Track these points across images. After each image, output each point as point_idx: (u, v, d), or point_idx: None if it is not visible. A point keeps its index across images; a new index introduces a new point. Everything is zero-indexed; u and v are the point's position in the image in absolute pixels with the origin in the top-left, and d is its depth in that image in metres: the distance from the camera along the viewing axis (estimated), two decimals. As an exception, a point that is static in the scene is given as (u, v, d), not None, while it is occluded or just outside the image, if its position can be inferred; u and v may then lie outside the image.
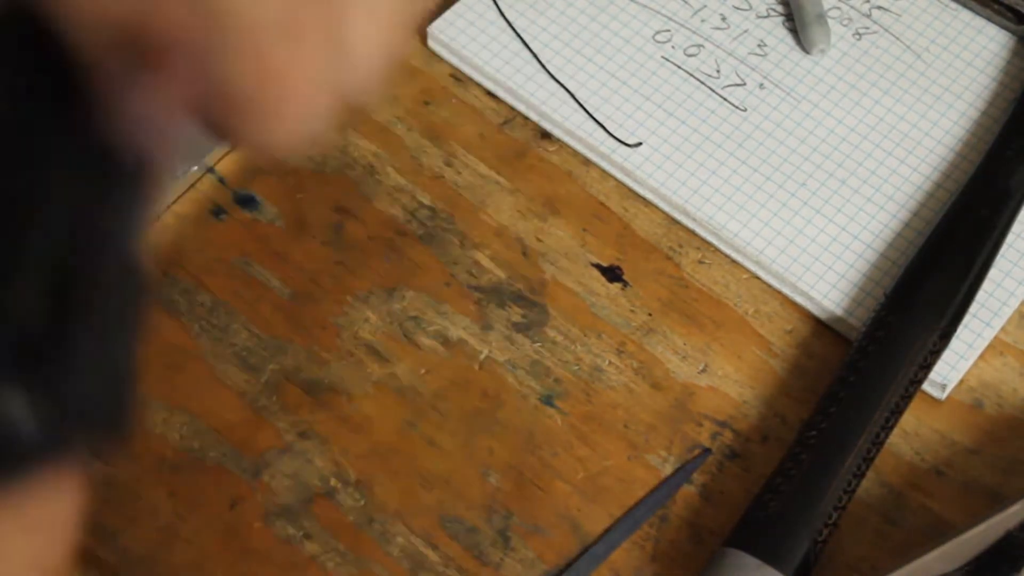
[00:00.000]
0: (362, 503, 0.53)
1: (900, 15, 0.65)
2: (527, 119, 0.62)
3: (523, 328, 0.57)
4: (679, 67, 0.63)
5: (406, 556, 0.52)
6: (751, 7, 0.65)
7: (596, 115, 0.62)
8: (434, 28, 0.64)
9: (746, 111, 0.62)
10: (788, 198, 0.60)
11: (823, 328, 0.57)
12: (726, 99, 0.63)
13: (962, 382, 0.56)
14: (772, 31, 0.65)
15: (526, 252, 0.59)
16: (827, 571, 0.52)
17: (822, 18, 0.64)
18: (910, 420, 0.55)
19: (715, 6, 0.65)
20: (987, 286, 0.57)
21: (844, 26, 0.65)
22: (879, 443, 0.52)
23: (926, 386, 0.55)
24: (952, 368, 0.55)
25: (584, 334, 0.57)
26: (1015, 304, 0.57)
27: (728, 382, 0.56)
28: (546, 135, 0.62)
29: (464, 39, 0.64)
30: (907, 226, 0.59)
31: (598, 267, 0.59)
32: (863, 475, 0.52)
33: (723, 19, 0.65)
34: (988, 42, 0.65)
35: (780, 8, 0.65)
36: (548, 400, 0.55)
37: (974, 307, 0.56)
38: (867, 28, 0.65)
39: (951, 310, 0.55)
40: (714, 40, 0.64)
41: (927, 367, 0.54)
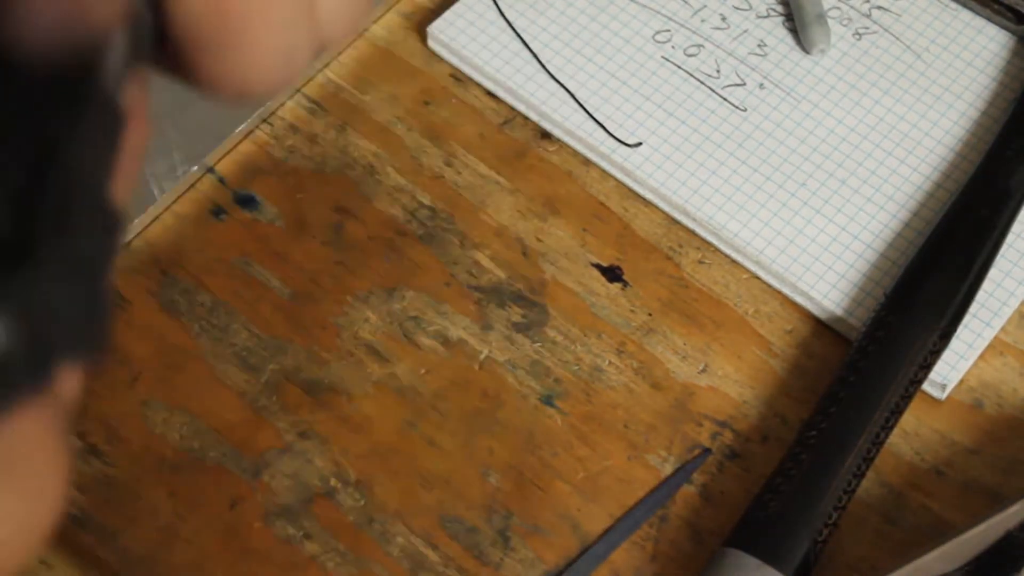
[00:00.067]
0: (362, 503, 0.53)
1: (900, 15, 0.65)
2: (527, 119, 0.62)
3: (523, 328, 0.57)
4: (679, 67, 0.63)
5: (406, 556, 0.52)
6: (751, 7, 0.65)
7: (596, 115, 0.62)
8: (434, 28, 0.64)
9: (746, 111, 0.62)
10: (788, 198, 0.60)
11: (823, 328, 0.57)
12: (726, 99, 0.63)
13: (962, 382, 0.56)
14: (772, 31, 0.65)
15: (526, 252, 0.59)
16: (827, 571, 0.52)
17: (822, 18, 0.64)
18: (910, 420, 0.55)
19: (715, 6, 0.65)
20: (987, 286, 0.57)
21: (844, 26, 0.65)
22: (879, 443, 0.52)
23: (926, 386, 0.55)
24: (952, 368, 0.55)
25: (584, 334, 0.57)
26: (1015, 304, 0.57)
27: (728, 382, 0.56)
28: (546, 135, 0.62)
29: (464, 39, 0.64)
30: (907, 226, 0.59)
31: (598, 267, 0.59)
32: (863, 475, 0.52)
33: (723, 19, 0.65)
34: (988, 42, 0.65)
35: (780, 8, 0.65)
36: (548, 400, 0.55)
37: (974, 307, 0.56)
38: (867, 28, 0.65)
39: (951, 310, 0.55)
40: (714, 40, 0.64)
41: (927, 367, 0.54)
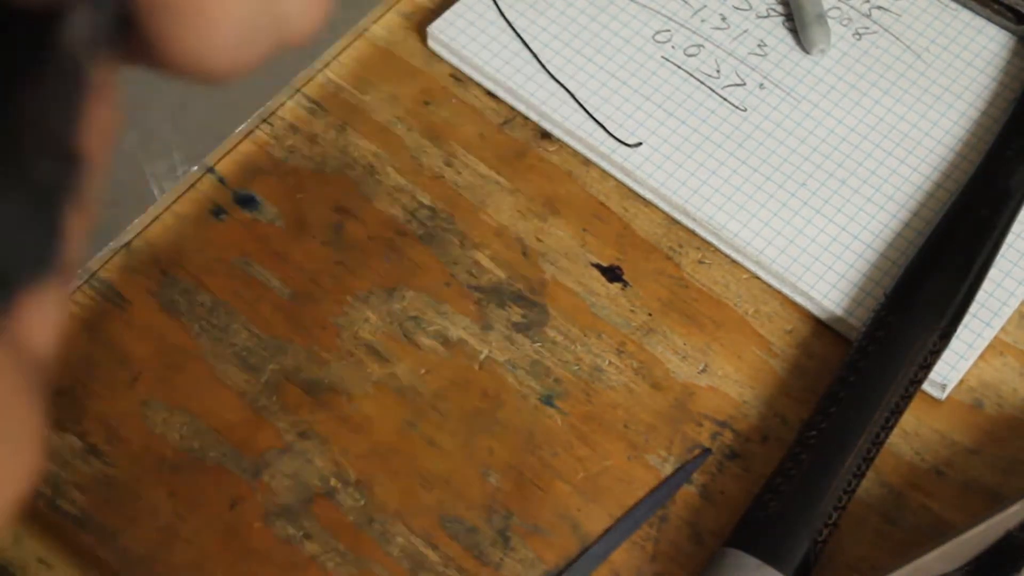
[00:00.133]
0: (362, 503, 0.53)
1: (900, 15, 0.65)
2: (527, 119, 0.62)
3: (523, 328, 0.57)
4: (679, 67, 0.63)
5: (406, 556, 0.52)
6: (751, 7, 0.65)
7: (596, 115, 0.62)
8: (434, 28, 0.64)
9: (746, 111, 0.62)
10: (788, 198, 0.60)
11: (823, 328, 0.57)
12: (726, 99, 0.63)
13: (962, 382, 0.56)
14: (772, 31, 0.65)
15: (526, 252, 0.59)
16: (827, 571, 0.52)
17: (822, 18, 0.64)
18: (910, 420, 0.55)
19: (715, 6, 0.65)
20: (987, 286, 0.57)
21: (844, 26, 0.65)
22: (879, 443, 0.52)
23: (926, 386, 0.55)
24: (952, 368, 0.55)
25: (584, 334, 0.57)
26: (1015, 304, 0.57)
27: (728, 382, 0.56)
28: (546, 135, 0.62)
29: (464, 39, 0.64)
30: (907, 226, 0.59)
31: (598, 267, 0.59)
32: (863, 475, 0.52)
33: (723, 19, 0.65)
34: (988, 42, 0.65)
35: (780, 8, 0.65)
36: (548, 400, 0.55)
37: (974, 307, 0.56)
38: (867, 28, 0.65)
39: (951, 310, 0.55)
40: (714, 40, 0.64)
41: (927, 367, 0.54)
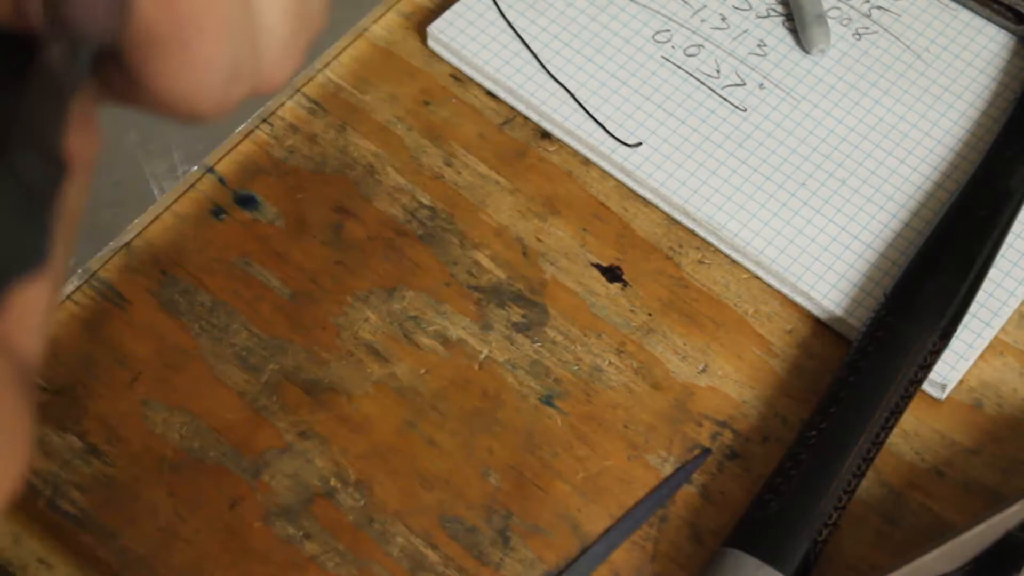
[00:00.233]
0: (362, 503, 0.53)
1: (900, 15, 0.65)
2: (527, 119, 0.62)
3: (523, 328, 0.57)
4: (679, 67, 0.63)
5: (406, 556, 0.52)
6: (751, 7, 0.65)
7: (596, 115, 0.62)
8: (434, 28, 0.64)
9: (746, 111, 0.62)
10: (788, 198, 0.60)
11: (823, 328, 0.57)
12: (726, 99, 0.63)
13: (962, 382, 0.56)
14: (772, 31, 0.65)
15: (526, 252, 0.59)
16: (827, 571, 0.52)
17: (822, 18, 0.64)
18: (910, 420, 0.55)
19: (715, 6, 0.65)
20: (987, 286, 0.57)
21: (844, 26, 0.65)
22: (879, 443, 0.52)
23: (926, 386, 0.55)
24: (952, 368, 0.55)
25: (584, 334, 0.57)
26: (1015, 304, 0.57)
27: (728, 382, 0.56)
28: (546, 135, 0.62)
29: (464, 39, 0.64)
30: (907, 226, 0.59)
31: (598, 267, 0.59)
32: (863, 475, 0.52)
33: (723, 19, 0.65)
34: (988, 42, 0.65)
35: (780, 8, 0.65)
36: (548, 400, 0.55)
37: (974, 307, 0.56)
38: (867, 28, 0.65)
39: (951, 310, 0.55)
40: (714, 40, 0.64)
41: (927, 367, 0.54)
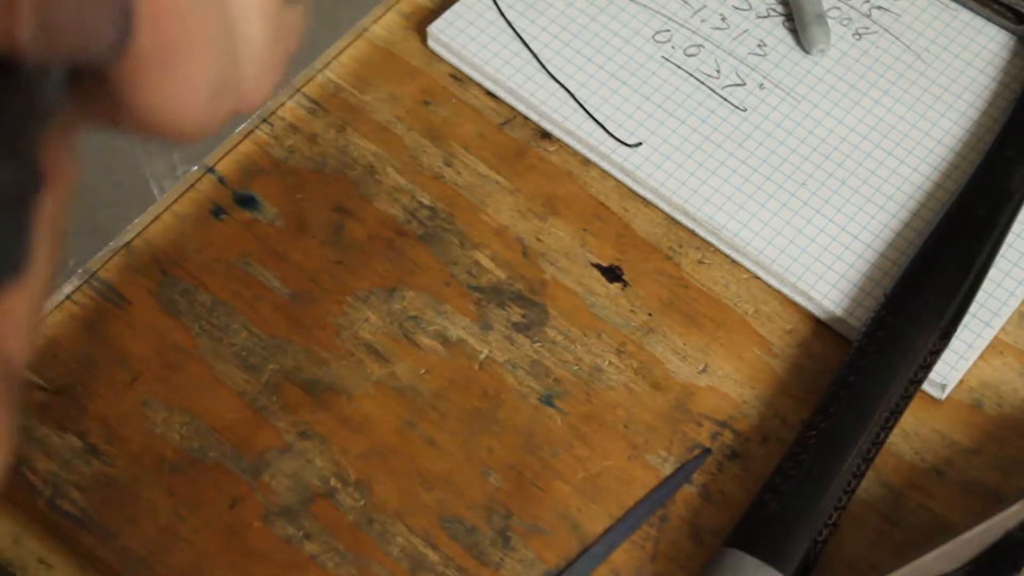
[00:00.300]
0: (362, 503, 0.53)
1: (900, 15, 0.65)
2: (527, 119, 0.62)
3: (523, 328, 0.57)
4: (679, 67, 0.63)
5: (406, 556, 0.52)
6: (751, 7, 0.65)
7: (596, 115, 0.62)
8: (434, 28, 0.64)
9: (746, 111, 0.62)
10: (788, 198, 0.60)
11: (823, 328, 0.57)
12: (726, 99, 0.63)
13: (962, 382, 0.56)
14: (772, 31, 0.65)
15: (526, 252, 0.59)
16: (827, 571, 0.52)
17: (822, 18, 0.64)
18: (910, 420, 0.55)
19: (715, 6, 0.65)
20: (987, 286, 0.57)
21: (844, 26, 0.65)
22: (879, 443, 0.52)
23: (926, 386, 0.55)
24: (952, 368, 0.55)
25: (584, 334, 0.57)
26: (1015, 304, 0.57)
27: (728, 382, 0.56)
28: (546, 135, 0.62)
29: (464, 39, 0.64)
30: (907, 226, 0.59)
31: (598, 267, 0.59)
32: (863, 475, 0.52)
33: (723, 19, 0.65)
34: (988, 42, 0.65)
35: (780, 8, 0.65)
36: (548, 400, 0.55)
37: (974, 307, 0.56)
38: (867, 28, 0.65)
39: (951, 310, 0.55)
40: (714, 40, 0.64)
41: (927, 367, 0.54)
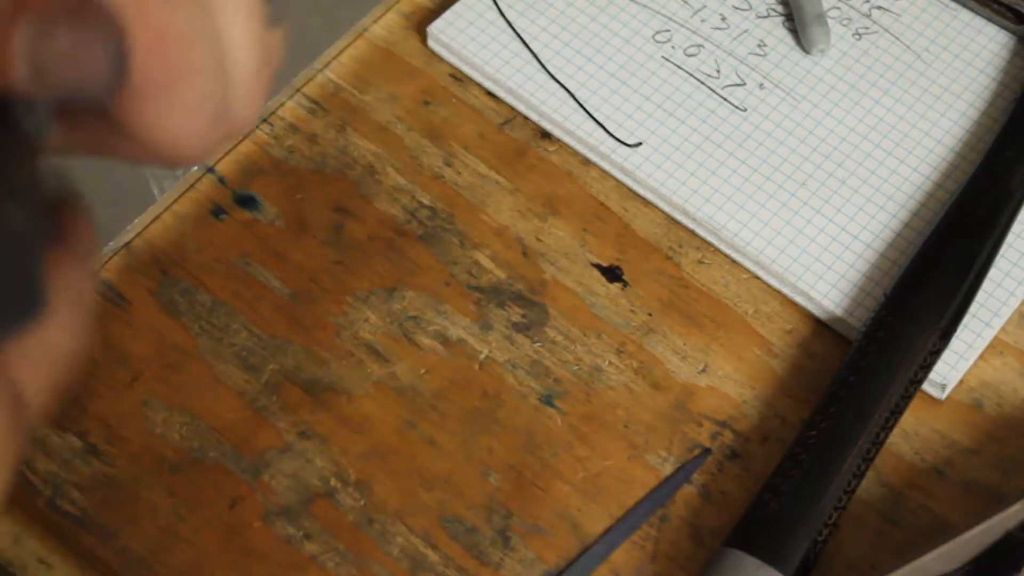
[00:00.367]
0: (362, 503, 0.53)
1: (900, 15, 0.65)
2: (527, 119, 0.62)
3: (523, 328, 0.57)
4: (679, 67, 0.63)
5: (406, 556, 0.52)
6: (751, 7, 0.65)
7: (596, 115, 0.62)
8: (434, 28, 0.64)
9: (746, 111, 0.62)
10: (788, 198, 0.60)
11: (823, 328, 0.57)
12: (726, 99, 0.63)
13: (962, 382, 0.56)
14: (772, 31, 0.65)
15: (526, 252, 0.59)
16: (827, 571, 0.52)
17: (822, 18, 0.64)
18: (910, 420, 0.55)
19: (715, 6, 0.65)
20: (987, 286, 0.57)
21: (844, 26, 0.65)
22: (879, 443, 0.52)
23: (926, 386, 0.55)
24: (952, 368, 0.55)
25: (584, 334, 0.57)
26: (1015, 304, 0.57)
27: (728, 382, 0.56)
28: (546, 135, 0.62)
29: (464, 39, 0.64)
30: (907, 226, 0.59)
31: (598, 267, 0.59)
32: (863, 475, 0.52)
33: (723, 19, 0.65)
34: (988, 42, 0.65)
35: (780, 8, 0.65)
36: (548, 400, 0.55)
37: (974, 307, 0.56)
38: (867, 28, 0.65)
39: (951, 310, 0.55)
40: (714, 40, 0.64)
41: (927, 367, 0.54)
